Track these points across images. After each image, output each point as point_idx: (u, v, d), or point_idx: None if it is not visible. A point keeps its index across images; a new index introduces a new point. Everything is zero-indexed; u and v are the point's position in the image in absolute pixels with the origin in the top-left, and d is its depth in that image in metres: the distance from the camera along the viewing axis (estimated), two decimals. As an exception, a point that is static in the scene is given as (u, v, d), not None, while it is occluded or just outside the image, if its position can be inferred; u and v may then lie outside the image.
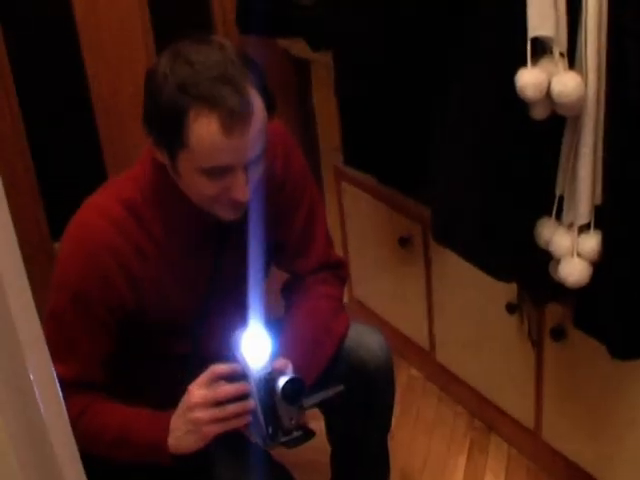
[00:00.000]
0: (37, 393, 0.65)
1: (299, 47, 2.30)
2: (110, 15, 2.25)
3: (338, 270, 1.69)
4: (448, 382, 2.35)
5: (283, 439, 1.34)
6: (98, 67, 2.27)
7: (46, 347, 0.70)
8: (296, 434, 1.34)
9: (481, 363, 2.17)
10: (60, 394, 0.72)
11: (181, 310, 1.49)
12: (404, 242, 2.27)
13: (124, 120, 2.31)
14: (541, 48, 1.37)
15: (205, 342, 1.51)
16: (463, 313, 2.16)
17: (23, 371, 0.64)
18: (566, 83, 1.33)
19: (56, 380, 0.72)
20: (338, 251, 1.80)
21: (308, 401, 1.36)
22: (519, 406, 2.08)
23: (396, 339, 2.42)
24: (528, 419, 2.05)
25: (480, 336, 2.13)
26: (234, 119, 1.27)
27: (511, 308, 1.93)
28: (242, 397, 1.33)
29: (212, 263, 1.50)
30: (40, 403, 0.65)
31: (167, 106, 1.29)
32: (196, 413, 1.34)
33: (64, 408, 0.73)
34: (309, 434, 1.36)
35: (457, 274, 2.10)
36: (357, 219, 2.51)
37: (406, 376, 2.45)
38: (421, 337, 2.38)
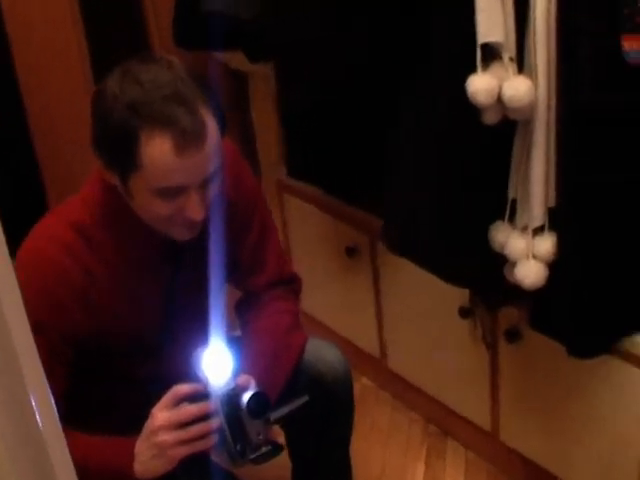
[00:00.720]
0: (34, 403, 0.63)
1: (237, 60, 2.28)
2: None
3: (292, 285, 1.69)
4: (401, 389, 2.35)
5: (252, 455, 1.32)
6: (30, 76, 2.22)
7: (39, 361, 0.69)
8: (265, 449, 1.33)
9: (434, 368, 2.18)
10: (55, 407, 0.71)
11: (139, 332, 1.45)
12: (351, 252, 2.27)
13: (61, 138, 2.27)
14: (490, 54, 1.39)
15: (167, 363, 1.47)
16: (414, 320, 2.16)
17: (19, 378, 0.63)
18: (517, 87, 1.34)
19: (50, 394, 0.70)
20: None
21: (274, 414, 1.35)
22: (475, 409, 2.09)
23: (346, 349, 2.39)
24: (485, 421, 2.06)
25: (432, 341, 2.13)
26: (187, 139, 1.25)
27: (464, 312, 1.94)
28: (207, 417, 1.31)
29: (167, 283, 1.47)
30: (36, 410, 0.63)
31: (117, 127, 1.26)
32: (160, 436, 1.31)
33: (58, 422, 0.72)
34: (278, 448, 1.35)
35: (407, 281, 2.11)
36: (301, 231, 2.50)
37: (359, 386, 2.43)
38: (371, 346, 2.38)
